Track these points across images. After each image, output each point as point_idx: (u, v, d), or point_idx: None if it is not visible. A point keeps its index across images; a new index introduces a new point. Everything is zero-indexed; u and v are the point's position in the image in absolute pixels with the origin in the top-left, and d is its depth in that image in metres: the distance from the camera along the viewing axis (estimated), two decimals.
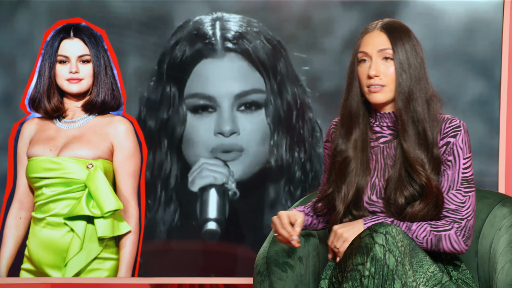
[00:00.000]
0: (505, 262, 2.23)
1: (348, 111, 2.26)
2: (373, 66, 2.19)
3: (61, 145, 2.85)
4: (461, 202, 2.19)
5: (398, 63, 2.18)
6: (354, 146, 2.25)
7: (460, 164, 2.20)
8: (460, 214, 2.18)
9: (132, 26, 2.88)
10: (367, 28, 2.24)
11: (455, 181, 2.20)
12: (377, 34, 2.21)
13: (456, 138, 2.20)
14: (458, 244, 2.17)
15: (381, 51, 2.19)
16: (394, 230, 2.02)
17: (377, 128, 2.28)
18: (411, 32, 2.23)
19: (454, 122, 2.21)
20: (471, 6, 2.83)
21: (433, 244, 2.17)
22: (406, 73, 2.19)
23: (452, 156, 2.20)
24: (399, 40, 2.20)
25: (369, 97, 2.21)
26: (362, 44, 2.22)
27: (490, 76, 2.83)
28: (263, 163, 2.87)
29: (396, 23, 2.23)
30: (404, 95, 2.18)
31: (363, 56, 2.21)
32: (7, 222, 2.89)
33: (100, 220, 2.80)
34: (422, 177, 2.17)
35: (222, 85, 2.87)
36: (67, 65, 2.86)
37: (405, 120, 2.19)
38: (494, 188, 2.81)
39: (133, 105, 2.89)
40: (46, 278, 2.85)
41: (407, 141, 2.19)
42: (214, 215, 2.88)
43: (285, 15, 2.86)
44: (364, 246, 2.03)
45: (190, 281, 2.89)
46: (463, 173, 2.20)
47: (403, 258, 2.02)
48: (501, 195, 2.48)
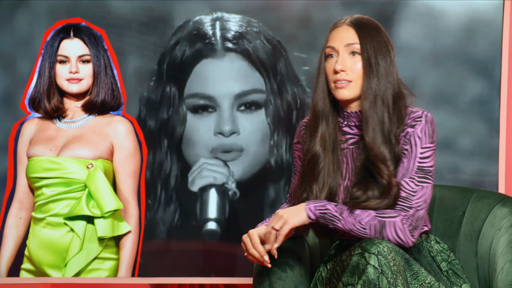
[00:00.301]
0: (505, 262, 2.23)
1: (314, 108, 2.21)
2: (340, 61, 2.15)
3: (61, 145, 2.85)
4: (413, 191, 2.12)
5: (366, 59, 2.14)
6: (321, 143, 2.20)
7: (416, 153, 2.13)
8: (409, 203, 2.11)
9: (132, 26, 2.88)
10: (335, 23, 2.20)
11: (410, 169, 2.13)
12: (345, 29, 2.17)
13: (414, 128, 2.14)
14: (403, 233, 2.09)
15: (348, 45, 2.15)
16: (386, 248, 2.00)
17: (346, 128, 2.23)
18: (381, 29, 2.18)
19: (416, 113, 2.16)
20: (471, 6, 2.83)
21: (376, 230, 2.09)
22: (373, 69, 2.14)
23: (409, 145, 2.14)
24: (368, 35, 2.15)
25: (336, 93, 2.17)
26: (330, 39, 2.18)
27: (490, 76, 2.83)
28: (263, 163, 2.87)
29: (366, 19, 2.19)
30: (370, 91, 2.14)
31: (330, 51, 2.17)
32: (7, 222, 2.89)
33: (100, 220, 2.80)
34: (384, 174, 2.12)
35: (222, 85, 2.87)
36: (67, 65, 2.86)
37: (369, 117, 2.14)
38: (494, 188, 2.81)
39: (133, 105, 2.89)
40: (46, 278, 2.85)
41: (370, 137, 2.14)
42: (214, 215, 2.88)
43: (285, 15, 2.86)
44: (356, 266, 2.01)
45: (190, 281, 2.89)
46: (420, 162, 2.13)
47: (396, 279, 2.00)
48: (501, 195, 2.48)
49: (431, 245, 2.26)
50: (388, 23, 2.83)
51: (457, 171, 2.85)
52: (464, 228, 2.44)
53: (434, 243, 2.28)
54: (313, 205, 2.13)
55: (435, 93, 2.84)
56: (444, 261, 2.25)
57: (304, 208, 2.13)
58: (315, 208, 2.12)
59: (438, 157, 2.83)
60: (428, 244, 2.26)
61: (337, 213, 2.11)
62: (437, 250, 2.26)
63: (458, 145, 2.85)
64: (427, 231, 2.27)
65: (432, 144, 2.15)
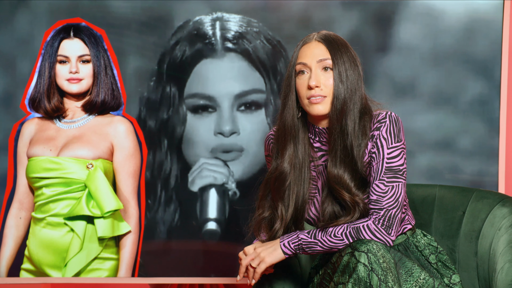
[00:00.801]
0: (504, 262, 2.23)
1: (282, 126, 2.20)
2: (313, 77, 2.13)
3: (61, 145, 2.85)
4: (383, 192, 2.12)
5: (337, 74, 2.13)
6: (289, 161, 2.20)
7: (383, 154, 2.14)
8: (380, 204, 2.12)
9: (132, 26, 2.88)
10: (304, 40, 2.20)
11: (378, 171, 2.13)
12: (315, 45, 2.17)
13: (380, 130, 2.14)
14: (380, 233, 2.10)
15: (320, 61, 2.14)
16: (375, 246, 2.02)
17: (317, 144, 2.22)
18: (348, 45, 2.18)
19: (380, 116, 2.16)
20: (471, 6, 2.83)
21: (353, 237, 2.10)
22: (344, 84, 2.13)
23: (375, 148, 2.14)
24: (338, 50, 2.15)
25: (310, 109, 2.15)
26: (301, 56, 2.17)
27: (490, 76, 2.83)
28: (263, 163, 2.87)
29: (334, 35, 2.19)
30: (338, 106, 2.13)
31: (302, 68, 2.16)
32: (7, 222, 2.89)
33: (100, 220, 2.80)
34: (345, 196, 2.14)
35: (222, 85, 2.87)
36: (67, 65, 2.86)
37: (334, 134, 2.14)
38: (494, 188, 2.81)
39: (133, 105, 2.89)
40: (46, 278, 2.85)
41: (331, 157, 2.15)
42: (214, 215, 2.88)
43: (285, 15, 2.86)
44: (346, 265, 2.03)
45: (190, 281, 2.89)
46: (388, 162, 2.13)
47: (386, 275, 2.01)
48: (501, 195, 2.48)
49: (417, 240, 2.27)
50: (388, 23, 2.83)
51: (457, 171, 2.85)
52: (464, 228, 2.44)
53: (421, 238, 2.29)
54: (287, 240, 2.15)
55: (435, 93, 2.84)
56: (433, 254, 2.26)
57: (279, 245, 2.15)
58: (289, 242, 2.15)
59: (438, 157, 2.83)
60: (415, 239, 2.27)
61: (311, 239, 2.13)
62: (424, 244, 2.27)
63: (458, 145, 2.85)
64: (411, 227, 2.28)
65: (400, 142, 2.15)
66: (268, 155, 2.34)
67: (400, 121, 2.16)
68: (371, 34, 2.84)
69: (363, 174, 2.15)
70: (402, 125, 2.17)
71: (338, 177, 2.14)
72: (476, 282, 2.39)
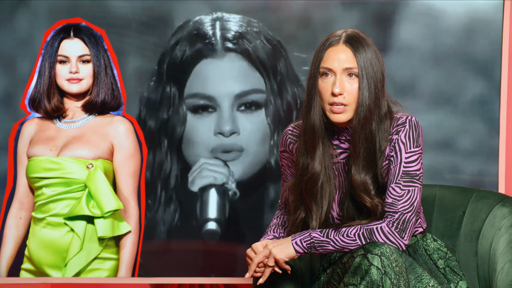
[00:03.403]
0: (505, 262, 2.23)
1: (311, 127, 2.16)
2: (338, 84, 2.10)
3: (61, 145, 2.85)
4: (398, 196, 2.11)
5: (363, 82, 2.10)
6: (320, 162, 2.18)
7: (401, 158, 2.13)
8: (395, 207, 2.11)
9: (132, 26, 2.88)
10: (330, 41, 2.15)
11: (395, 175, 2.13)
12: (342, 49, 2.13)
13: (398, 134, 2.13)
14: (393, 236, 2.09)
15: (346, 69, 2.11)
16: (388, 250, 2.01)
17: (336, 142, 2.21)
18: (373, 46, 2.15)
19: (400, 120, 2.15)
20: (471, 6, 2.83)
21: (366, 238, 2.09)
22: (369, 91, 2.11)
23: (394, 152, 2.14)
24: (364, 55, 2.11)
25: (331, 117, 2.13)
26: (326, 59, 2.13)
27: (490, 76, 2.83)
28: (263, 163, 2.87)
29: (360, 36, 2.14)
30: (362, 114, 2.11)
31: (326, 71, 2.12)
32: (7, 222, 2.89)
33: (100, 220, 2.80)
34: (367, 202, 2.14)
35: (222, 85, 2.87)
36: (67, 65, 2.86)
37: (358, 140, 2.13)
38: (494, 188, 2.81)
39: (133, 105, 2.89)
40: (46, 278, 2.85)
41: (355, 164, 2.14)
42: (214, 215, 2.88)
43: (285, 15, 2.86)
44: (358, 267, 2.02)
45: (190, 281, 2.89)
46: (405, 167, 2.12)
47: (398, 279, 2.00)
48: (501, 195, 2.48)
49: (427, 244, 2.27)
50: (388, 23, 2.83)
51: (457, 171, 2.85)
52: (464, 228, 2.44)
53: (431, 242, 2.28)
54: (299, 238, 2.14)
55: (435, 93, 2.83)
56: (441, 259, 2.26)
57: (291, 243, 2.15)
58: (301, 241, 2.14)
59: (438, 157, 2.83)
60: (424, 243, 2.27)
61: (324, 237, 2.12)
62: (433, 248, 2.27)
63: (458, 145, 2.85)
64: (422, 231, 2.27)
65: (418, 148, 2.14)
66: (284, 151, 2.32)
67: (420, 126, 2.15)
68: (371, 34, 2.83)
69: (380, 178, 2.15)
70: (421, 130, 2.16)
71: (363, 184, 2.14)
72: (476, 282, 2.39)
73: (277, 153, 2.86)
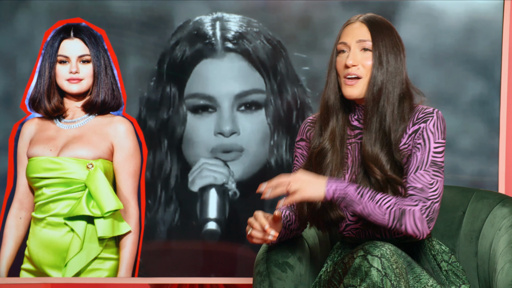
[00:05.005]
0: (505, 262, 2.23)
1: (325, 103, 2.22)
2: (351, 56, 2.16)
3: (61, 145, 2.85)
4: (429, 183, 2.12)
5: (376, 56, 2.15)
6: (331, 138, 2.21)
7: (430, 147, 2.14)
8: (426, 194, 2.11)
9: (132, 26, 2.88)
10: (349, 20, 2.22)
11: (424, 162, 2.13)
12: (358, 25, 2.19)
13: (427, 123, 2.15)
14: (421, 223, 2.09)
15: (360, 41, 2.17)
16: (388, 251, 2.00)
17: (355, 123, 2.23)
18: (393, 29, 2.21)
19: (427, 110, 2.18)
20: (471, 6, 2.83)
21: (396, 217, 2.08)
22: (383, 67, 2.15)
23: (421, 139, 2.15)
24: (380, 33, 2.17)
25: (344, 90, 2.17)
26: (342, 35, 2.20)
27: (490, 76, 2.83)
28: (263, 163, 2.88)
29: (379, 18, 2.22)
30: (375, 88, 2.14)
31: (342, 47, 2.19)
32: (7, 222, 2.89)
33: (100, 220, 2.80)
34: (377, 175, 2.14)
35: (222, 85, 2.87)
36: (67, 65, 2.86)
37: (370, 114, 2.15)
38: (494, 188, 2.81)
39: (133, 105, 2.89)
40: (46, 278, 2.85)
41: (366, 136, 2.16)
42: (214, 215, 2.88)
43: (285, 15, 2.86)
44: (358, 268, 2.01)
45: (190, 281, 2.89)
46: (433, 156, 2.14)
47: (399, 281, 2.00)
48: (501, 195, 2.48)
49: (432, 245, 2.27)
50: None
51: (457, 171, 2.85)
52: (464, 228, 2.44)
53: (436, 243, 2.28)
54: (335, 186, 2.10)
55: (435, 93, 2.83)
56: (445, 261, 2.26)
57: (325, 185, 2.10)
58: (336, 189, 2.09)
59: None
60: (430, 243, 2.27)
61: (357, 197, 2.09)
62: (438, 250, 2.27)
63: (458, 145, 2.85)
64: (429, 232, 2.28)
65: (444, 140, 2.16)
66: (300, 140, 2.33)
67: (445, 121, 2.18)
68: None
69: (398, 159, 2.15)
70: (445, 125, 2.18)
71: (374, 155, 2.14)
72: (476, 282, 2.39)
73: (277, 153, 2.86)
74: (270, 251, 2.30)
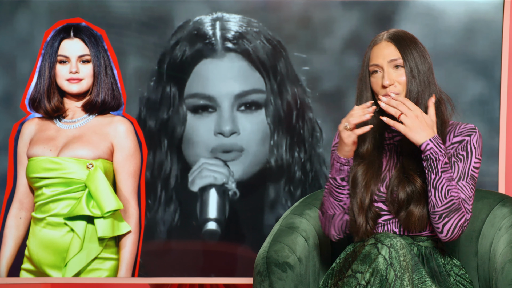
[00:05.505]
0: (505, 262, 2.23)
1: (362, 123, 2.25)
2: (386, 76, 2.22)
3: (61, 145, 2.85)
4: (469, 196, 2.21)
5: (408, 70, 2.22)
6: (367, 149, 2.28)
7: (471, 160, 2.23)
8: (469, 206, 2.20)
9: (132, 26, 2.88)
10: (374, 40, 2.28)
11: (466, 174, 2.22)
12: (385, 45, 2.25)
13: (471, 137, 2.25)
14: (459, 230, 2.17)
15: (391, 61, 2.23)
16: (399, 243, 2.05)
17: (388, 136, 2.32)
18: (416, 40, 2.27)
19: (469, 125, 2.27)
20: (471, 6, 2.83)
21: (451, 208, 2.15)
22: (416, 79, 2.22)
23: (465, 151, 2.24)
24: (407, 48, 2.24)
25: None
26: (372, 57, 2.26)
27: (490, 76, 2.83)
28: (263, 163, 2.88)
29: (402, 32, 2.27)
30: (412, 100, 2.22)
31: (375, 68, 2.25)
32: (7, 222, 2.89)
33: (100, 220, 2.80)
34: (417, 183, 2.22)
35: (222, 85, 2.87)
36: (67, 65, 2.86)
37: None
38: (494, 188, 2.81)
39: (133, 105, 2.89)
40: (46, 278, 2.85)
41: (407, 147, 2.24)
42: (214, 215, 2.88)
43: (285, 15, 2.86)
44: (367, 255, 2.06)
45: (190, 281, 2.89)
46: (473, 170, 2.23)
47: (403, 273, 2.04)
48: (501, 195, 2.48)
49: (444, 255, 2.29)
50: (388, 23, 2.83)
51: None
52: None
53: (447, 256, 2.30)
54: (438, 141, 2.15)
55: None
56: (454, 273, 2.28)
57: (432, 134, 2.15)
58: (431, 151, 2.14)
59: None
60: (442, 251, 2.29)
61: (438, 168, 2.15)
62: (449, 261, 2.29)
63: None
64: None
65: (481, 158, 2.26)
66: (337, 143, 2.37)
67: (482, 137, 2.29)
68: (371, 34, 2.84)
69: None
70: None
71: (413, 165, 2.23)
72: (476, 282, 2.39)
73: (277, 153, 2.86)
74: (271, 251, 2.30)
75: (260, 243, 2.70)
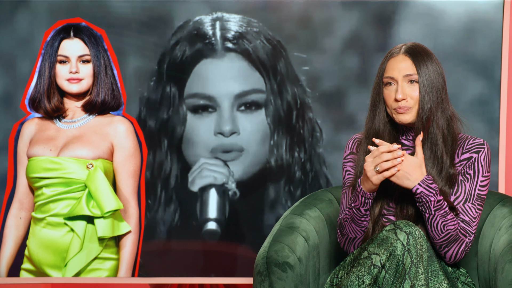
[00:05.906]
0: (505, 262, 2.23)
1: (375, 131, 2.29)
2: (400, 90, 2.23)
3: (61, 145, 2.85)
4: (473, 217, 2.23)
5: (422, 86, 2.23)
6: None
7: (478, 180, 2.25)
8: (472, 228, 2.22)
9: (132, 26, 2.88)
10: (391, 53, 2.28)
11: (472, 195, 2.24)
12: (402, 58, 2.25)
13: (478, 154, 2.26)
14: (461, 254, 2.22)
15: (406, 76, 2.23)
16: (417, 232, 2.08)
17: (404, 141, 2.31)
18: (433, 55, 2.27)
19: (478, 140, 2.28)
20: (471, 6, 2.83)
21: (450, 240, 2.19)
22: (429, 95, 2.23)
23: (472, 170, 2.25)
24: (423, 63, 2.24)
25: (396, 117, 2.25)
26: (388, 69, 2.26)
27: (490, 76, 2.83)
28: (263, 163, 2.88)
29: (419, 46, 2.27)
30: (424, 116, 2.23)
31: (389, 80, 2.25)
32: (7, 222, 2.89)
33: (100, 220, 2.80)
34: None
35: (222, 85, 2.87)
36: (67, 65, 2.86)
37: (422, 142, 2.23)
38: (494, 188, 2.81)
39: (133, 105, 2.89)
40: (46, 278, 2.85)
41: None
42: (214, 215, 2.88)
43: (285, 15, 2.86)
44: (385, 239, 2.09)
45: (190, 281, 2.89)
46: (479, 190, 2.25)
47: (419, 261, 2.07)
48: (501, 195, 2.48)
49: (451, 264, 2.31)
50: (388, 23, 2.83)
51: None
52: None
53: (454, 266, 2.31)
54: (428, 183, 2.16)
55: None
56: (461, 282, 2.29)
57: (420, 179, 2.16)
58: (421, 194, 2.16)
59: None
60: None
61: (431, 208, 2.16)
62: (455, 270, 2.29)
63: None
64: None
65: (489, 174, 2.27)
66: (350, 153, 2.38)
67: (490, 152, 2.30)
68: (371, 34, 2.84)
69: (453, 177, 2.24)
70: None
71: None
72: (476, 282, 2.39)
73: (277, 153, 2.86)
74: (271, 251, 2.30)
75: (260, 243, 2.70)
